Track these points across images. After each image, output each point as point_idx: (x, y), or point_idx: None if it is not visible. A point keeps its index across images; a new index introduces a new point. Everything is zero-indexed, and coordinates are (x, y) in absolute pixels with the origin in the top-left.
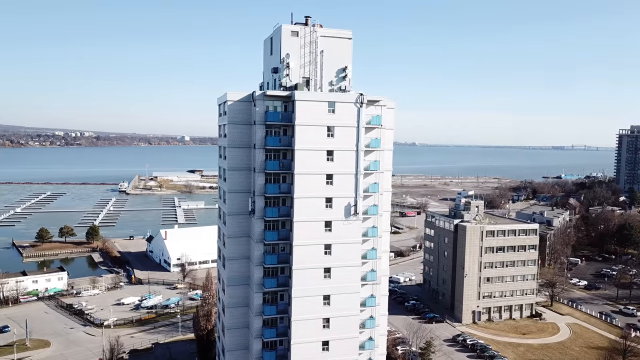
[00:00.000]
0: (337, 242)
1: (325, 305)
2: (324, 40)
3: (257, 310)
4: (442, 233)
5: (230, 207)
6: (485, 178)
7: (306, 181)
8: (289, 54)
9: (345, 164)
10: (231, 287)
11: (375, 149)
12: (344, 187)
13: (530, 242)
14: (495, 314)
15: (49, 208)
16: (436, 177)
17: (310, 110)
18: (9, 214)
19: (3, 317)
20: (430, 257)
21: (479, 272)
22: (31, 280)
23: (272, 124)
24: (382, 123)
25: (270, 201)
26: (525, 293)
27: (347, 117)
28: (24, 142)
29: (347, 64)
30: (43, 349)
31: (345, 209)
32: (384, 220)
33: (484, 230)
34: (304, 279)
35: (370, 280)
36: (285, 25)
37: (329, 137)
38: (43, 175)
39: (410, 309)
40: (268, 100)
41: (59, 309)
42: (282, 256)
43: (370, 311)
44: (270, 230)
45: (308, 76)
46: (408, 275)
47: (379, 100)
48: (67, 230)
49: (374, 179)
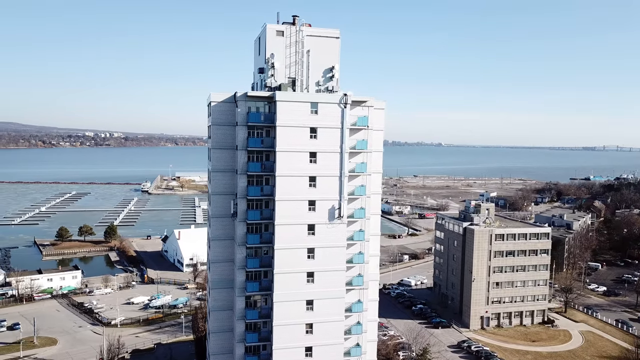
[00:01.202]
0: (320, 246)
1: (309, 310)
2: (311, 39)
3: (239, 314)
4: (452, 236)
5: (214, 209)
6: (510, 179)
7: (288, 183)
8: (273, 54)
9: (329, 165)
10: (215, 290)
11: (361, 151)
12: (328, 189)
13: (542, 247)
14: (505, 320)
15: (73, 207)
16: (459, 178)
17: (292, 111)
18: (33, 213)
19: (16, 315)
20: (440, 261)
21: (488, 277)
22: (46, 279)
23: (254, 125)
24: (368, 124)
25: (253, 204)
26: (536, 299)
27: (331, 118)
28: (56, 142)
29: (335, 63)
30: (50, 346)
31: (329, 212)
32: (372, 224)
33: (493, 233)
34: (286, 284)
35: (356, 285)
36: (270, 25)
37: (312, 139)
38: (70, 175)
39: (417, 313)
40: (250, 101)
41: (71, 307)
42: (265, 260)
43: (357, 317)
44: (252, 233)
45: (294, 76)
46: (420, 278)
47: (365, 100)
48: (86, 229)
49: (360, 181)
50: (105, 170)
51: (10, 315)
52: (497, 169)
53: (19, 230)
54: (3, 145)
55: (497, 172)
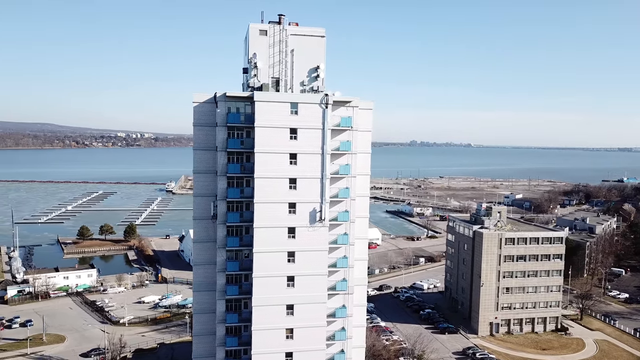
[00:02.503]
0: (301, 249)
1: (289, 315)
2: (295, 39)
3: (220, 318)
4: (462, 239)
5: (196, 211)
6: (538, 181)
7: (267, 185)
8: (255, 53)
9: (310, 167)
10: (198, 293)
11: (345, 152)
12: (309, 192)
13: (555, 251)
14: (515, 327)
15: (98, 206)
16: (486, 179)
17: (271, 112)
18: (59, 212)
19: (31, 312)
20: (451, 264)
21: (497, 282)
22: (62, 277)
23: (234, 126)
24: (352, 125)
25: (233, 206)
26: (549, 305)
27: (312, 119)
28: (89, 143)
29: (320, 63)
30: (57, 344)
31: (310, 215)
32: (357, 227)
33: (503, 237)
34: (266, 288)
35: (340, 289)
36: (254, 24)
37: (292, 140)
38: (99, 175)
39: (424, 318)
40: (230, 101)
41: (83, 305)
42: (246, 263)
43: (341, 322)
44: (232, 236)
45: (278, 76)
46: (433, 281)
47: (349, 101)
48: (107, 228)
49: (345, 183)
50: (133, 170)
51: (25, 312)
52: (526, 170)
53: (45, 229)
54: (39, 145)
55: (526, 174)
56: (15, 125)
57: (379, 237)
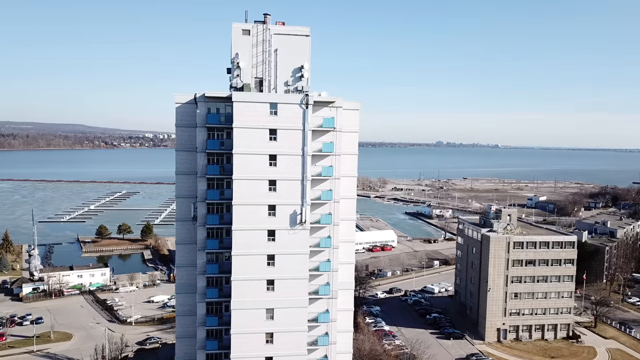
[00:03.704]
0: (281, 252)
1: (269, 319)
2: (279, 38)
3: (200, 321)
4: (471, 242)
5: (178, 212)
6: (565, 183)
7: (246, 187)
8: (238, 53)
9: (290, 169)
10: (181, 295)
11: (328, 154)
12: (289, 194)
13: (567, 256)
14: (524, 333)
15: (120, 206)
16: (510, 180)
17: (250, 112)
18: (82, 211)
19: (43, 309)
20: (460, 268)
21: (505, 287)
22: (76, 275)
23: (214, 127)
24: (335, 126)
25: (214, 207)
26: (560, 312)
27: (292, 120)
28: (117, 143)
29: (304, 62)
30: (64, 342)
31: (290, 218)
32: (342, 230)
33: (511, 241)
34: (245, 291)
35: (323, 294)
36: (236, 24)
37: (271, 141)
38: (124, 175)
39: (430, 322)
40: (210, 102)
41: (94, 303)
42: (227, 265)
43: (325, 327)
44: (211, 238)
45: (261, 76)
46: (444, 285)
47: (332, 101)
48: (125, 227)
49: (328, 185)
50: (157, 170)
51: (38, 309)
52: (553, 171)
53: (66, 227)
54: (69, 146)
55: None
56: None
57: (394, 239)
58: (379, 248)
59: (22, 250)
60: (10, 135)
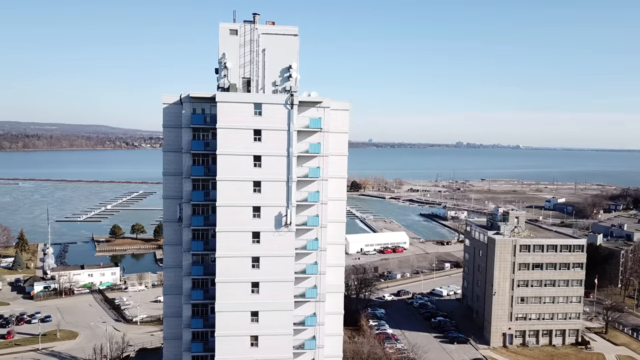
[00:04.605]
0: (266, 254)
1: (253, 322)
2: (267, 38)
3: (186, 323)
4: (477, 245)
5: (166, 213)
6: (586, 184)
7: (230, 188)
8: (224, 53)
9: (275, 170)
10: (168, 296)
11: (315, 155)
12: (274, 195)
13: (575, 260)
14: (531, 339)
15: (137, 206)
16: (529, 182)
17: (234, 113)
18: (99, 211)
19: (53, 307)
20: (467, 271)
21: (511, 291)
22: (87, 274)
23: (200, 127)
24: (323, 126)
25: (199, 209)
26: (568, 317)
27: (276, 120)
28: (137, 144)
29: (293, 62)
30: (69, 340)
31: (275, 219)
32: (331, 232)
33: (517, 244)
34: (229, 293)
35: (310, 297)
36: (224, 24)
37: (256, 141)
38: (142, 175)
39: (435, 326)
40: (196, 102)
41: (102, 302)
42: (212, 267)
43: (312, 331)
44: (196, 240)
45: (249, 76)
46: (453, 288)
47: (318, 101)
48: (138, 227)
49: (315, 187)
50: None
51: (47, 307)
52: (575, 172)
53: (82, 227)
54: (91, 147)
55: (574, 177)
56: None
57: (406, 241)
58: (390, 250)
59: (38, 249)
60: (35, 136)
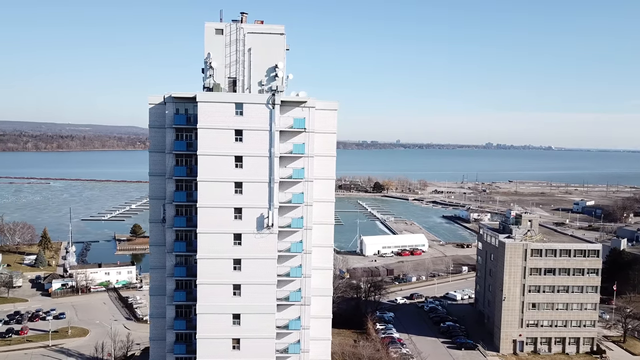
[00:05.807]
0: (248, 257)
1: (235, 324)
2: (253, 37)
3: (169, 324)
4: (489, 249)
5: (151, 214)
6: (619, 187)
7: (211, 189)
8: (210, 53)
9: (256, 171)
10: (154, 297)
11: (300, 155)
12: (256, 196)
13: (590, 265)
14: (543, 346)
15: None
16: (559, 184)
17: (215, 113)
18: (123, 210)
19: (68, 305)
20: (480, 275)
21: (522, 296)
22: (104, 272)
23: (183, 128)
24: (307, 126)
25: (182, 210)
26: (583, 324)
27: (258, 120)
28: None
29: (279, 62)
30: (79, 337)
31: (257, 221)
32: (317, 234)
33: (528, 248)
34: (211, 295)
35: (294, 300)
36: (209, 23)
37: (237, 142)
38: None
39: (443, 331)
40: (179, 102)
41: (117, 300)
42: (195, 269)
43: (296, 335)
44: (179, 241)
45: (235, 76)
46: (468, 292)
47: (302, 101)
48: None
49: (300, 188)
50: None
51: (63, 304)
52: (607, 175)
53: (106, 226)
54: (122, 147)
55: (606, 179)
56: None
57: (424, 243)
58: (407, 252)
59: (61, 247)
60: (69, 137)
